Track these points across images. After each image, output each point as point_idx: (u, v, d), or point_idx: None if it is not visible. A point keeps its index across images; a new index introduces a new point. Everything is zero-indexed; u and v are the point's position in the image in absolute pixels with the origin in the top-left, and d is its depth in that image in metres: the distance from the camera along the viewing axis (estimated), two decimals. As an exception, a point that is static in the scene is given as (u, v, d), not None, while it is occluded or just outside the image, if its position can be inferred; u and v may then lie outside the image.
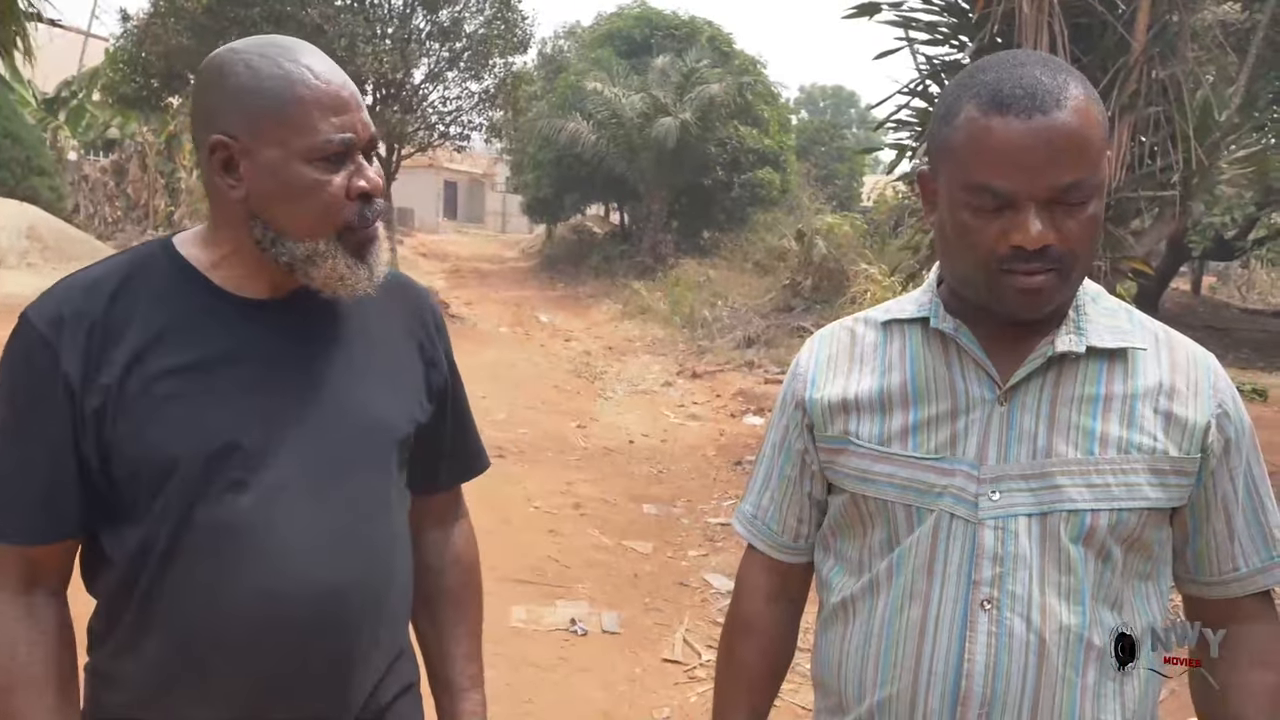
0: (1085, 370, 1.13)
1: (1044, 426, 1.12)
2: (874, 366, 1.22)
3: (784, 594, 1.36)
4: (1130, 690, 1.13)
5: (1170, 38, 6.93)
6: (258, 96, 1.11)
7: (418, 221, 34.11)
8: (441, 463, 1.41)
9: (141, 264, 1.18)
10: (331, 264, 1.15)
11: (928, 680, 1.13)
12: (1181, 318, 15.62)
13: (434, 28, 15.77)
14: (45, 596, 1.17)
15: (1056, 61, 1.09)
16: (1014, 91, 1.04)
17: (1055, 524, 1.10)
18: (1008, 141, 1.04)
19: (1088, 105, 1.05)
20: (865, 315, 1.30)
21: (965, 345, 1.15)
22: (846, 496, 1.22)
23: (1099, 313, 1.16)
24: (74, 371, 1.10)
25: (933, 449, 1.15)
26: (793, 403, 1.29)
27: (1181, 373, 1.15)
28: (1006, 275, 1.08)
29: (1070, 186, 1.04)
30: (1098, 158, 1.06)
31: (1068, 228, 1.06)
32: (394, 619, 1.29)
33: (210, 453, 1.12)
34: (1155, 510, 1.12)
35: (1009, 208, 1.06)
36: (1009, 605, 1.10)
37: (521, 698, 3.67)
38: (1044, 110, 1.03)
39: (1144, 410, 1.12)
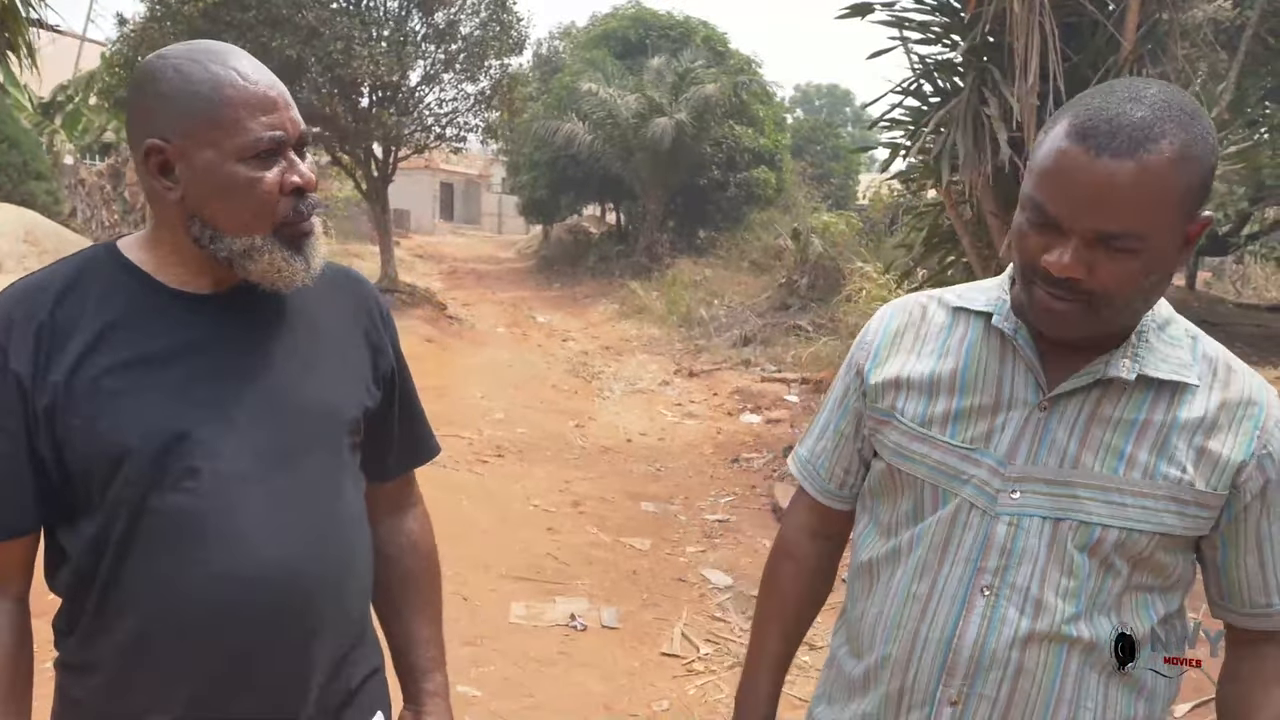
0: (1131, 396, 1.16)
1: (1076, 440, 1.16)
2: (934, 349, 1.28)
3: (824, 532, 1.47)
4: (1116, 690, 1.19)
5: (1160, 36, 6.99)
6: (188, 100, 1.15)
7: (414, 223, 34.11)
8: (391, 450, 1.45)
9: (86, 266, 1.22)
10: (269, 258, 1.20)
11: (923, 647, 1.22)
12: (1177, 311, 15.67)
13: (429, 30, 15.77)
14: (7, 602, 1.21)
15: (1177, 106, 1.06)
16: (1100, 125, 1.04)
17: (1065, 531, 1.16)
18: (1069, 171, 1.05)
19: (1171, 165, 1.02)
20: (941, 294, 1.34)
21: (1020, 347, 1.20)
22: (885, 465, 1.31)
23: (1161, 342, 1.18)
24: (24, 371, 1.14)
25: (968, 439, 1.22)
26: (854, 368, 1.37)
27: (1229, 410, 1.16)
28: (1037, 289, 1.13)
29: (1113, 235, 1.05)
30: (1157, 216, 1.04)
31: (1104, 268, 1.07)
32: (354, 599, 1.32)
33: (160, 442, 1.15)
34: (1170, 536, 1.15)
35: (1054, 229, 1.08)
36: (1006, 594, 1.18)
37: (523, 691, 3.72)
38: (1115, 154, 1.03)
39: (1178, 442, 1.15)
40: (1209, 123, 1.08)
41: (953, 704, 1.20)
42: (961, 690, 1.19)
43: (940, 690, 1.21)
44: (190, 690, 1.19)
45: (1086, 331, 1.14)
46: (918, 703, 1.22)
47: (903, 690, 1.24)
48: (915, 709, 1.23)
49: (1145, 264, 1.07)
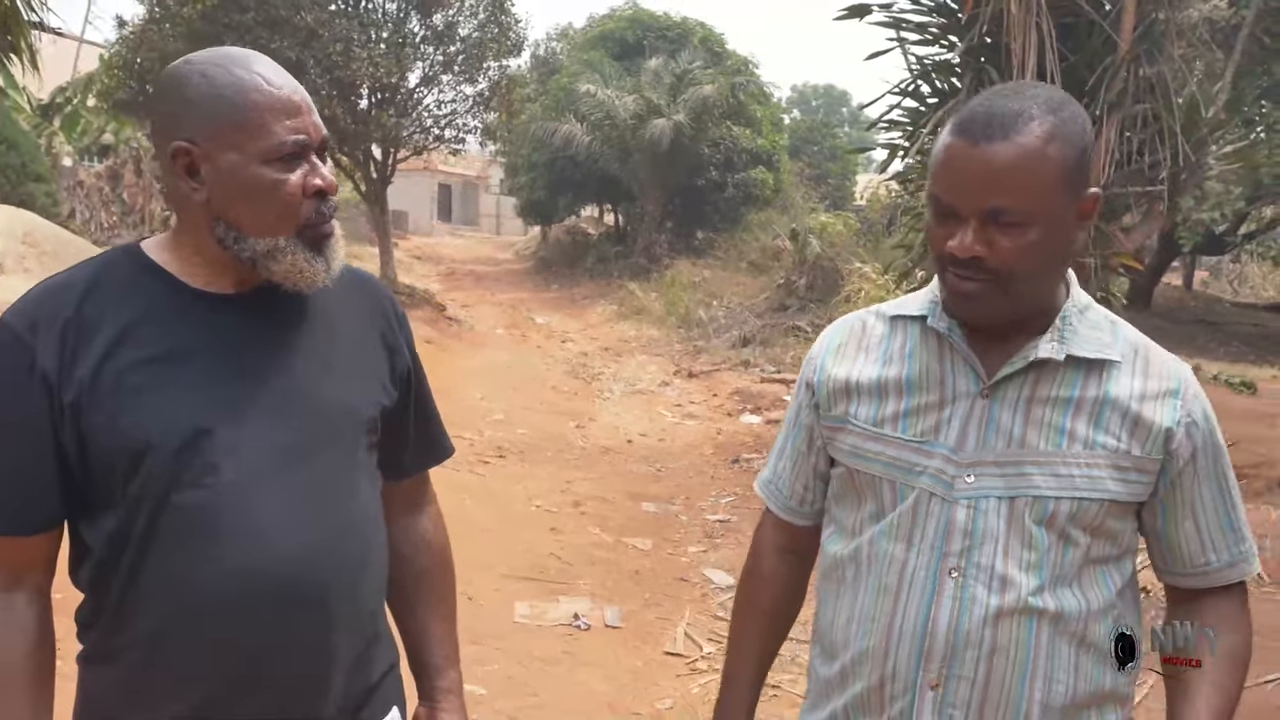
0: (1064, 375, 1.25)
1: (1020, 421, 1.24)
2: (877, 356, 1.36)
3: (791, 549, 1.52)
4: (1087, 658, 1.25)
5: (1157, 36, 7.02)
6: (214, 104, 1.18)
7: (412, 224, 34.11)
8: (407, 449, 1.48)
9: (110, 267, 1.25)
10: (291, 259, 1.22)
11: (898, 637, 1.27)
12: (1174, 313, 15.73)
13: (428, 31, 15.79)
14: (28, 595, 1.22)
15: (1045, 97, 1.18)
16: (977, 118, 1.17)
17: (1021, 507, 1.23)
18: (954, 161, 1.18)
19: (1043, 143, 1.15)
20: (878, 309, 1.43)
21: (956, 343, 1.28)
22: (844, 470, 1.37)
23: (1084, 325, 1.27)
24: (50, 367, 1.16)
25: (919, 433, 1.29)
26: (804, 384, 1.44)
27: (1154, 383, 1.26)
28: (949, 276, 1.23)
29: (1000, 210, 1.16)
30: (1038, 190, 1.15)
31: (1001, 244, 1.17)
32: (369, 597, 1.34)
33: (181, 439, 1.17)
34: (1116, 502, 1.23)
35: (953, 217, 1.19)
36: (974, 574, 1.24)
37: (527, 691, 3.75)
38: (990, 139, 1.15)
39: (1111, 415, 1.24)
40: (1079, 111, 1.20)
41: (933, 688, 1.25)
42: (940, 673, 1.24)
43: (920, 676, 1.25)
44: (208, 686, 1.21)
45: (1000, 310, 1.23)
46: (899, 692, 1.27)
47: (883, 681, 1.28)
48: (898, 698, 1.27)
49: (1039, 237, 1.16)
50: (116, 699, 1.24)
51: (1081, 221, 1.22)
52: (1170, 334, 13.32)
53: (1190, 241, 15.34)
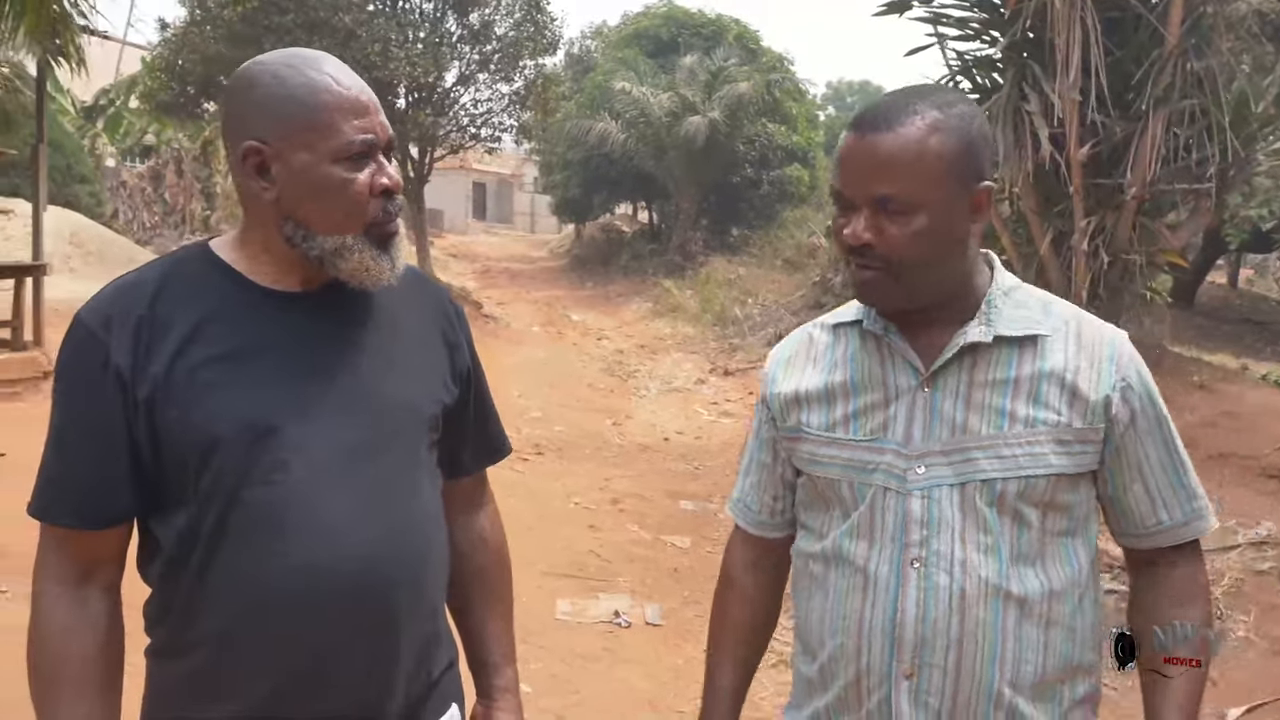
0: (997, 356, 1.29)
1: (961, 407, 1.28)
2: (823, 365, 1.41)
3: (763, 562, 1.55)
4: (1054, 634, 1.28)
5: (1205, 29, 6.89)
6: (286, 104, 1.20)
7: (447, 223, 34.31)
8: (466, 447, 1.49)
9: (181, 265, 1.27)
10: (359, 257, 1.23)
11: (869, 631, 1.30)
12: (1218, 311, 15.46)
13: (465, 31, 15.89)
14: (100, 590, 1.24)
15: (934, 94, 1.26)
16: (866, 114, 1.26)
17: (971, 492, 1.27)
18: (845, 152, 1.26)
19: (924, 134, 1.21)
20: (821, 320, 1.48)
21: (892, 341, 1.33)
22: (806, 477, 1.42)
23: (1009, 305, 1.31)
24: (124, 364, 1.18)
25: (868, 432, 1.33)
26: (761, 400, 1.49)
27: (1087, 352, 1.29)
28: (852, 266, 1.29)
29: (886, 198, 1.22)
30: (921, 179, 1.21)
31: (890, 231, 1.23)
32: (431, 593, 1.35)
33: (251, 435, 1.18)
34: (1064, 475, 1.27)
35: (850, 208, 1.26)
36: (934, 562, 1.27)
37: (569, 688, 3.76)
38: (874, 130, 1.23)
39: (1049, 389, 1.27)
40: (972, 110, 1.26)
41: (908, 677, 1.28)
42: (913, 663, 1.27)
43: (894, 667, 1.28)
44: (274, 683, 1.22)
45: (896, 298, 1.28)
46: (875, 684, 1.30)
47: (859, 676, 1.31)
48: (874, 690, 1.30)
49: (926, 225, 1.22)
50: (185, 694, 1.26)
51: (975, 214, 1.27)
52: (1215, 333, 13.10)
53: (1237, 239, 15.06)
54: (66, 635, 1.21)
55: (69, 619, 1.22)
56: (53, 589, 1.22)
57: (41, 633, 1.22)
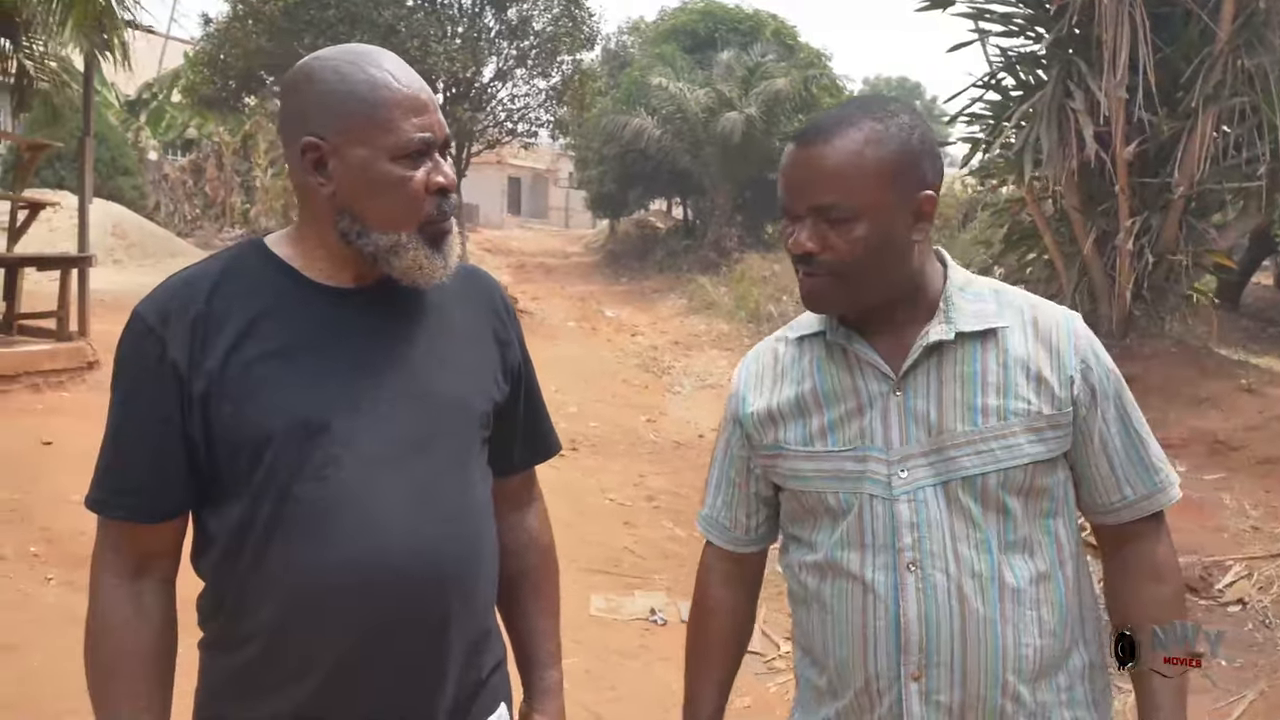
0: (961, 352, 1.31)
1: (934, 407, 1.30)
2: (792, 378, 1.41)
3: (738, 579, 1.56)
4: (1046, 614, 1.30)
5: (1258, 25, 6.76)
6: (346, 100, 1.20)
7: (482, 217, 34.48)
8: (515, 444, 1.48)
9: (236, 261, 1.27)
10: (413, 254, 1.23)
11: (874, 639, 1.31)
12: (1265, 313, 15.16)
13: (503, 26, 15.92)
14: (155, 584, 1.25)
15: (874, 106, 1.29)
16: (807, 128, 1.30)
17: (955, 489, 1.29)
18: (788, 166, 1.30)
19: (860, 146, 1.25)
20: (783, 333, 1.48)
21: (858, 350, 1.34)
22: (789, 493, 1.42)
23: (966, 300, 1.33)
24: (180, 358, 1.19)
25: (848, 441, 1.34)
26: (731, 419, 1.49)
27: (1045, 338, 1.32)
28: (800, 275, 1.32)
29: (826, 207, 1.25)
30: (858, 188, 1.24)
31: (832, 241, 1.26)
32: (483, 590, 1.35)
33: (303, 430, 1.19)
34: (1040, 462, 1.29)
35: (795, 218, 1.30)
36: (929, 563, 1.28)
37: (605, 684, 3.76)
38: (811, 143, 1.27)
39: (1017, 378, 1.30)
40: (910, 120, 1.28)
41: (915, 679, 1.29)
42: (920, 664, 1.28)
43: (902, 670, 1.29)
44: (326, 677, 1.22)
45: (844, 302, 1.32)
46: (885, 688, 1.31)
47: (868, 682, 1.32)
48: (885, 694, 1.31)
49: (866, 232, 1.25)
50: (237, 687, 1.26)
51: (918, 221, 1.28)
52: (1261, 335, 12.85)
53: (1285, 239, 14.76)
54: (124, 629, 1.22)
55: (126, 612, 1.23)
56: (110, 582, 1.24)
57: (99, 625, 1.23)
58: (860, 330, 1.35)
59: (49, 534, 4.34)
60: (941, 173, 1.32)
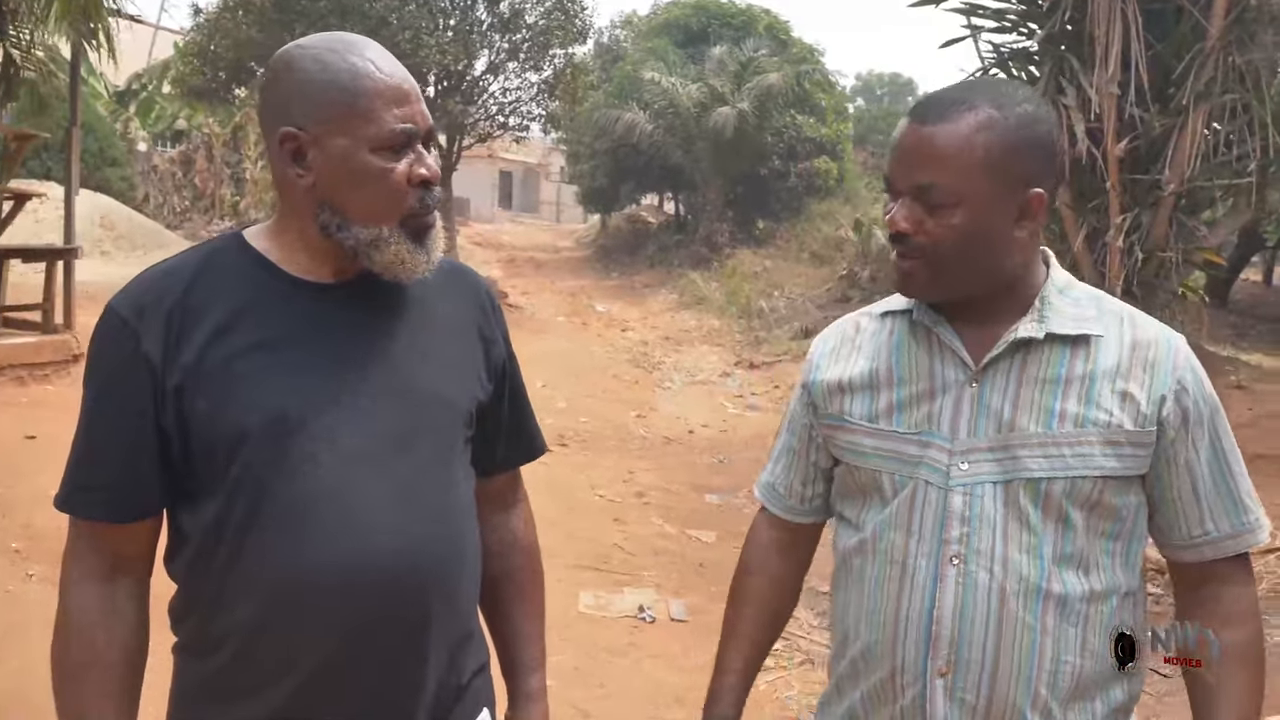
0: (1049, 354, 1.26)
1: (1009, 404, 1.25)
2: (869, 353, 1.38)
3: (788, 546, 1.53)
4: (1092, 636, 1.25)
5: (1249, 23, 6.75)
6: (327, 89, 1.16)
7: (473, 211, 34.34)
8: (500, 444, 1.45)
9: (214, 254, 1.24)
10: (394, 249, 1.20)
11: (905, 627, 1.28)
12: (1253, 309, 15.22)
13: (495, 19, 15.87)
14: (128, 586, 1.22)
15: (1000, 91, 1.24)
16: (924, 102, 1.26)
17: (1016, 490, 1.24)
18: (898, 140, 1.26)
19: (972, 131, 1.20)
20: (869, 309, 1.45)
21: (941, 333, 1.30)
22: (845, 467, 1.40)
23: (1064, 302, 1.29)
24: (155, 352, 1.16)
25: (913, 424, 1.30)
26: (801, 385, 1.47)
27: (1141, 353, 1.26)
28: (894, 254, 1.29)
29: (926, 187, 1.22)
30: (961, 175, 1.20)
31: (928, 225, 1.23)
32: (464, 590, 1.32)
33: (280, 426, 1.16)
34: (1113, 478, 1.23)
35: (896, 194, 1.26)
36: (974, 560, 1.24)
37: (594, 681, 3.74)
38: (925, 121, 1.23)
39: (1101, 389, 1.24)
40: (1034, 112, 1.23)
41: (942, 675, 1.25)
42: (949, 660, 1.25)
43: (929, 664, 1.26)
44: (303, 678, 1.19)
45: (935, 290, 1.28)
46: (910, 681, 1.27)
47: (894, 672, 1.29)
48: (909, 687, 1.28)
49: (964, 221, 1.21)
50: (212, 690, 1.23)
51: (1024, 220, 1.24)
52: (1249, 332, 12.89)
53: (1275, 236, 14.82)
54: (93, 631, 1.19)
55: (96, 615, 1.20)
56: (80, 583, 1.21)
57: (68, 627, 1.20)
58: (948, 316, 1.31)
59: (31, 530, 4.30)
60: (1059, 172, 1.27)
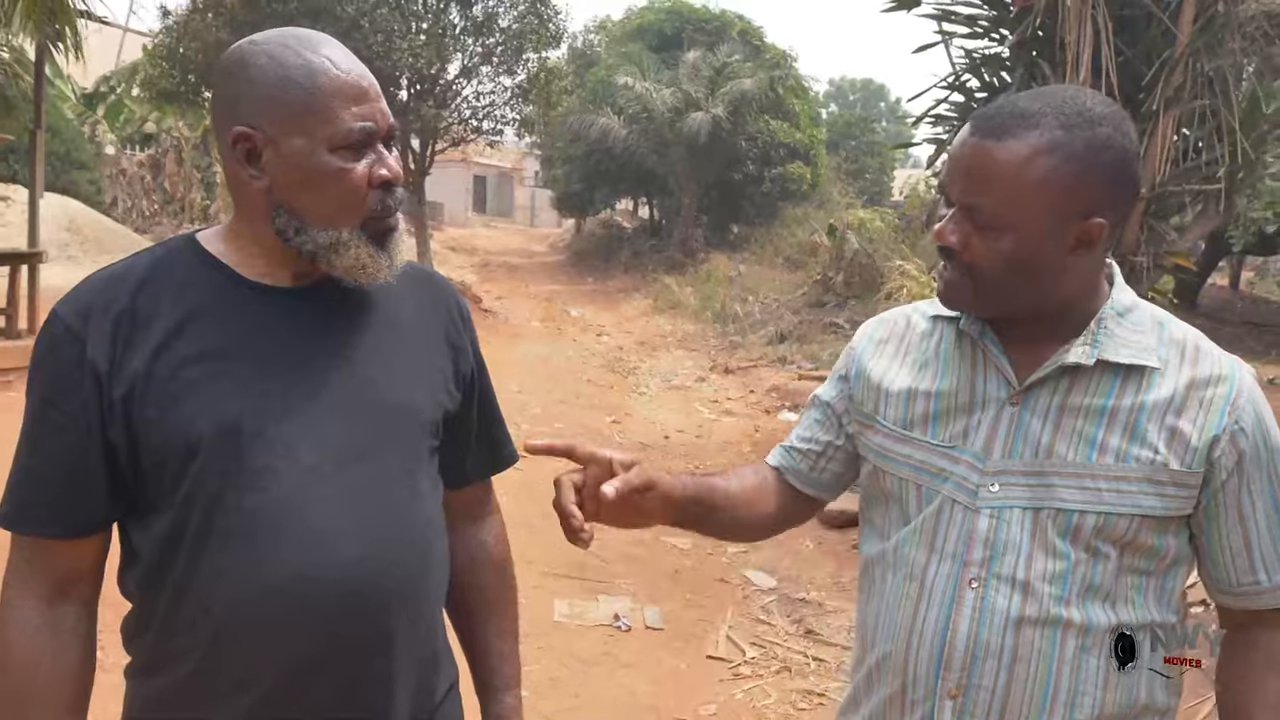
0: (1098, 382, 1.20)
1: (1049, 430, 1.20)
2: (915, 356, 1.33)
3: (786, 493, 1.46)
4: (1116, 674, 1.20)
5: (1217, 29, 6.82)
6: (282, 87, 1.12)
7: (447, 215, 34.20)
8: (469, 454, 1.41)
9: (165, 257, 1.20)
10: (354, 253, 1.16)
11: (918, 644, 1.24)
12: (1220, 313, 15.41)
13: (468, 23, 15.79)
14: (74, 608, 1.17)
15: (1067, 109, 1.14)
16: (990, 112, 1.17)
17: (1045, 519, 1.18)
18: (957, 149, 1.19)
19: (1031, 153, 1.12)
20: (921, 305, 1.40)
21: (987, 347, 1.25)
22: (872, 468, 1.35)
23: (1123, 328, 1.21)
24: (100, 360, 1.11)
25: (946, 438, 1.26)
26: (842, 370, 1.43)
27: (1199, 388, 1.19)
28: (939, 264, 1.24)
29: (975, 207, 1.16)
30: (1013, 199, 1.13)
31: (974, 244, 1.17)
32: (429, 604, 1.28)
33: (234, 436, 1.12)
34: (1152, 517, 1.17)
35: (948, 205, 1.20)
36: (994, 585, 1.20)
37: (568, 691, 3.69)
38: (986, 134, 1.15)
39: (1149, 424, 1.17)
40: (1106, 135, 1.13)
41: (952, 697, 1.21)
42: (960, 682, 1.21)
43: (940, 684, 1.22)
44: (261, 697, 1.15)
45: (977, 308, 1.23)
46: (920, 698, 1.24)
47: (904, 687, 1.26)
48: (918, 705, 1.24)
49: (1011, 248, 1.14)
50: (165, 710, 1.19)
51: (1078, 249, 1.16)
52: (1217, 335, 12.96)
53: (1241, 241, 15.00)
54: (36, 657, 1.14)
55: (39, 639, 1.14)
56: (22, 604, 1.15)
57: (7, 652, 1.14)
58: (997, 329, 1.25)
59: (-7, 540, 4.20)
60: (1129, 199, 1.19)
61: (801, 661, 4.12)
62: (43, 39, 7.30)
